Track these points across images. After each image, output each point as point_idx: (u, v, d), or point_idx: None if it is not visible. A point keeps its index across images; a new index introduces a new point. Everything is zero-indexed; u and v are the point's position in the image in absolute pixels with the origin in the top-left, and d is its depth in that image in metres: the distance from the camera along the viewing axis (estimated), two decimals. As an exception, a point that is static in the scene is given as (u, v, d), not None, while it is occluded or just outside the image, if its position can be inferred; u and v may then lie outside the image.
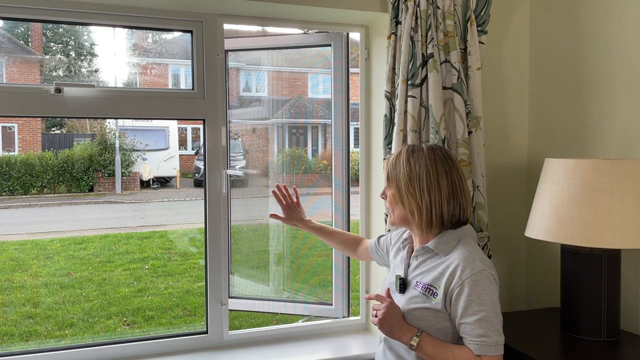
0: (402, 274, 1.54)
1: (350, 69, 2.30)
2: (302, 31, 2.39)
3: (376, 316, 1.44)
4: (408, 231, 1.61)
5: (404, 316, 1.45)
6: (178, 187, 13.86)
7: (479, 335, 1.35)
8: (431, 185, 1.43)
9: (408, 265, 1.54)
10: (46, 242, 7.82)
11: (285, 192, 1.92)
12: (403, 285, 1.51)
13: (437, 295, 1.41)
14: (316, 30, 2.34)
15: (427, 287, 1.44)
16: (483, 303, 1.36)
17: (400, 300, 1.49)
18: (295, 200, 1.92)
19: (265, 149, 2.71)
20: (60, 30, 15.74)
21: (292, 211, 1.92)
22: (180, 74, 15.97)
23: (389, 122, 1.96)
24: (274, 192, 1.92)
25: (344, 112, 2.30)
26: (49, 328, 5.11)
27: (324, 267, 2.85)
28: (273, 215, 1.94)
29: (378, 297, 1.47)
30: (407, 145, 1.54)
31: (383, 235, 1.82)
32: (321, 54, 2.48)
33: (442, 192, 1.43)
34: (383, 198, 1.58)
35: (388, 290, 1.51)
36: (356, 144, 2.72)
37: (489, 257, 1.97)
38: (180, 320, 5.36)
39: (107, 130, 13.46)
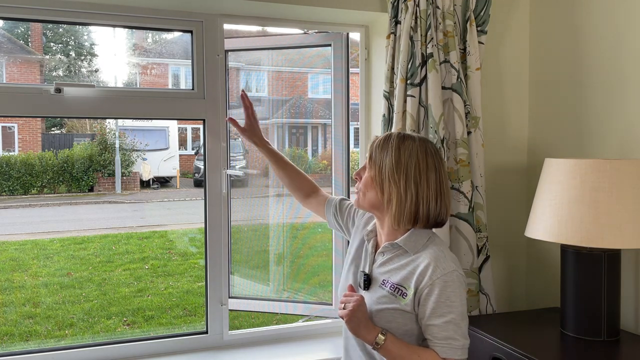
0: (366, 270, 1.47)
1: (350, 69, 2.30)
2: (302, 31, 2.39)
3: (344, 308, 1.36)
4: (373, 223, 1.53)
5: (372, 316, 1.39)
6: (178, 187, 13.87)
7: (446, 338, 1.31)
8: (419, 178, 1.37)
9: (373, 261, 1.47)
10: (46, 242, 7.82)
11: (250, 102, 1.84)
12: (368, 281, 1.44)
13: (406, 296, 1.35)
14: (316, 30, 2.34)
15: (396, 287, 1.37)
16: (452, 305, 1.31)
17: (366, 298, 1.41)
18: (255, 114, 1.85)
19: (265, 149, 2.71)
20: (60, 30, 15.74)
21: (255, 124, 1.84)
22: (180, 74, 15.98)
23: (388, 121, 1.96)
24: (242, 96, 1.84)
25: (344, 112, 2.30)
26: (49, 328, 5.11)
27: (324, 267, 2.85)
28: (231, 120, 1.86)
29: (346, 295, 1.39)
30: (398, 131, 1.47)
31: (346, 200, 1.73)
32: (321, 54, 2.48)
33: (430, 188, 1.37)
34: (357, 179, 1.48)
35: (351, 286, 1.44)
36: (356, 144, 2.72)
37: (488, 257, 1.98)
38: (180, 320, 5.36)
39: (107, 130, 13.48)
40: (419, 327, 1.37)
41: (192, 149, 16.45)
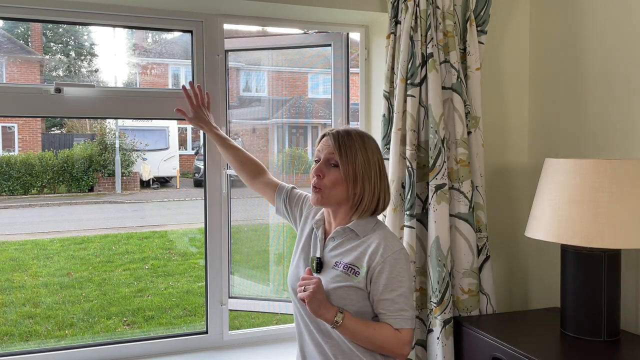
0: (317, 254, 1.54)
1: (350, 69, 2.30)
2: (302, 31, 2.39)
3: (304, 290, 1.40)
4: (320, 212, 1.60)
5: (328, 295, 1.44)
6: (178, 187, 13.85)
7: (398, 310, 1.41)
8: (381, 173, 1.50)
9: (324, 247, 1.54)
10: (46, 242, 7.82)
11: (197, 92, 1.92)
12: (320, 264, 1.51)
13: (359, 274, 1.44)
14: (316, 30, 2.34)
15: (349, 267, 1.46)
16: (402, 280, 1.43)
17: (322, 280, 1.46)
18: (206, 103, 1.94)
19: (265, 149, 2.71)
20: (60, 30, 15.74)
21: (200, 111, 1.92)
22: (180, 74, 15.96)
23: (388, 121, 1.96)
24: (183, 87, 1.91)
25: (344, 112, 2.30)
26: (49, 328, 5.11)
27: (324, 267, 2.84)
28: (179, 110, 1.92)
29: (304, 278, 1.45)
30: (351, 128, 1.53)
31: (296, 189, 1.76)
32: (321, 54, 2.48)
33: (384, 181, 1.51)
34: (319, 176, 1.48)
35: (309, 270, 1.50)
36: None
37: (488, 257, 1.98)
38: (180, 320, 5.36)
39: (107, 130, 13.45)
40: (370, 305, 1.46)
41: (192, 149, 16.44)
